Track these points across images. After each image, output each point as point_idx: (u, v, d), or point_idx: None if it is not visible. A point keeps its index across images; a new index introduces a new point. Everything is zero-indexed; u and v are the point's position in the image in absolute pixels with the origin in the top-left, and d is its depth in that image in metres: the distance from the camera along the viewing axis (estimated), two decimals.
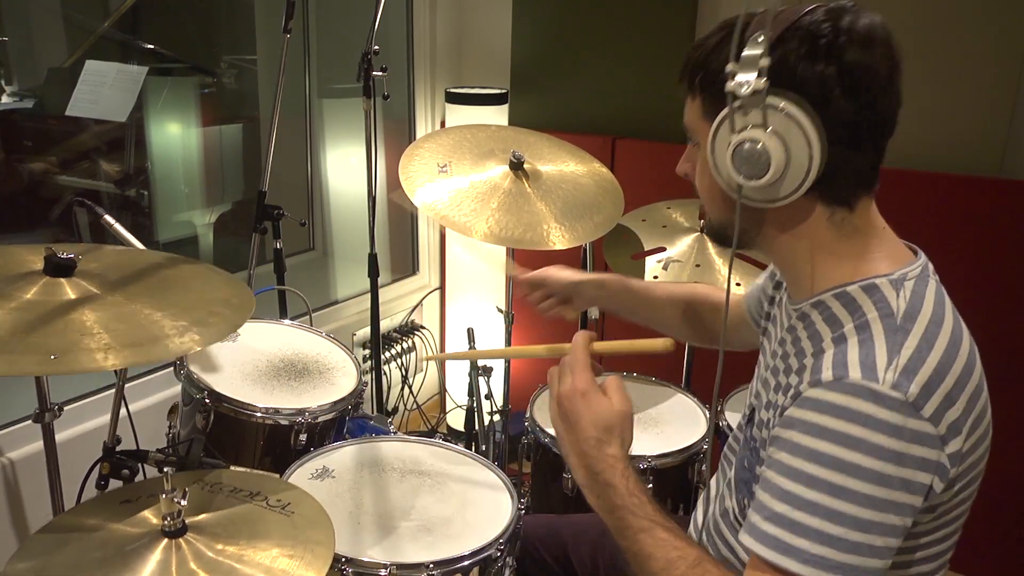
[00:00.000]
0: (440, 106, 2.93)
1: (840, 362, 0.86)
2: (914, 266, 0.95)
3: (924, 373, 0.84)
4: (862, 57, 0.86)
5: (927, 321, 0.88)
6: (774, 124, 0.87)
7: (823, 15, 0.88)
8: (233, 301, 1.33)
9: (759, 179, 0.88)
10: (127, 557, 1.08)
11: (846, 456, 0.82)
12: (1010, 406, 2.15)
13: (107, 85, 2.23)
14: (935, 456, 0.83)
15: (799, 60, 0.86)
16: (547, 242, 1.74)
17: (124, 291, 1.26)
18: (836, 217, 0.94)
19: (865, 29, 0.87)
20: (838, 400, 0.83)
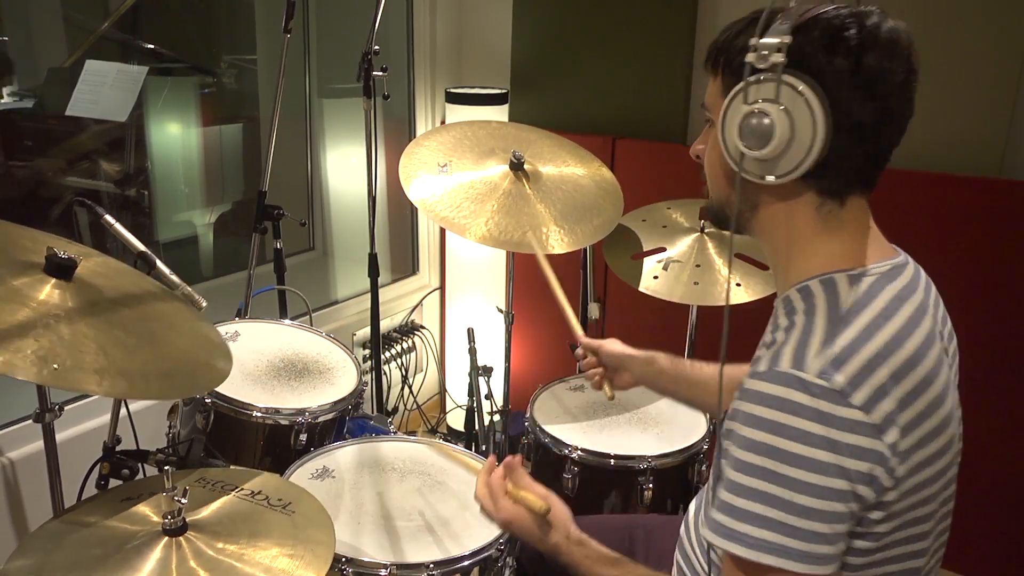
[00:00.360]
0: (440, 106, 2.93)
1: (776, 353, 0.89)
2: (883, 264, 0.96)
3: (855, 363, 0.85)
4: (881, 61, 0.88)
5: (874, 315, 0.90)
6: (785, 100, 0.89)
7: (848, 12, 0.90)
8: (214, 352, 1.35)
9: (761, 149, 0.91)
10: (127, 555, 1.08)
11: (779, 444, 0.84)
12: (1010, 406, 2.15)
13: (107, 85, 2.23)
14: (870, 444, 0.84)
15: (819, 49, 0.88)
16: (546, 246, 1.74)
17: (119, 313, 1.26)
18: (824, 209, 0.95)
19: (888, 34, 0.89)
20: (768, 389, 0.86)
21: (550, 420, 1.79)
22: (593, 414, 1.84)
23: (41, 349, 1.08)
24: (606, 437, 1.74)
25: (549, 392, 1.92)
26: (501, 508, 1.16)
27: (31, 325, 1.11)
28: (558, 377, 1.98)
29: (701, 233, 1.95)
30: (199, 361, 1.29)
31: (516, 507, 1.16)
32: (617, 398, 1.90)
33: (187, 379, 1.24)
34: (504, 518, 1.16)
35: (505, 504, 1.16)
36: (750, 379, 0.89)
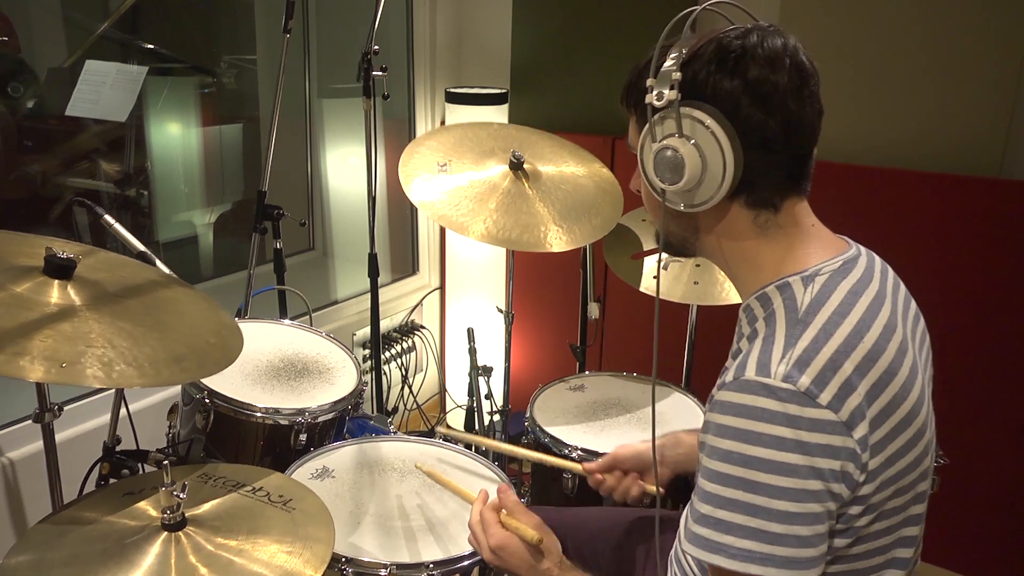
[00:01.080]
0: (440, 106, 2.93)
1: (741, 363, 0.90)
2: (835, 260, 0.98)
3: (818, 362, 0.86)
4: (766, 74, 0.92)
5: (830, 312, 0.91)
6: (688, 132, 0.95)
7: (735, 34, 0.95)
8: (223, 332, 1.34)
9: (677, 183, 0.96)
10: (126, 550, 1.08)
11: (750, 451, 0.85)
12: (1010, 406, 2.15)
13: (107, 85, 2.23)
14: (840, 442, 0.85)
15: (709, 75, 0.93)
16: (545, 244, 1.74)
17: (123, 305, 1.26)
18: (761, 219, 0.98)
19: (771, 48, 0.93)
20: (736, 399, 0.87)
21: (550, 420, 1.79)
22: (593, 414, 1.84)
23: (47, 349, 1.08)
24: (606, 437, 1.74)
25: (549, 392, 1.92)
26: (492, 534, 1.16)
27: (35, 326, 1.12)
28: (558, 377, 1.98)
29: None
30: (208, 343, 1.29)
31: (507, 534, 1.16)
32: (617, 398, 1.90)
33: (197, 361, 1.24)
34: (495, 543, 1.16)
35: (496, 530, 1.17)
36: (718, 390, 0.91)
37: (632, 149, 1.06)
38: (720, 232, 1.01)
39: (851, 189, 2.25)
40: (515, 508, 1.19)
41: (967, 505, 2.20)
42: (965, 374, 2.16)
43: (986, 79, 2.16)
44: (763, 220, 0.99)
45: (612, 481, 1.41)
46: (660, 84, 0.95)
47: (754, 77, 0.92)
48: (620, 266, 1.95)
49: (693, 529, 0.90)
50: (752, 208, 0.98)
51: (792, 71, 0.93)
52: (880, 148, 2.29)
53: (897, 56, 2.24)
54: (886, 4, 2.21)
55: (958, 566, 2.26)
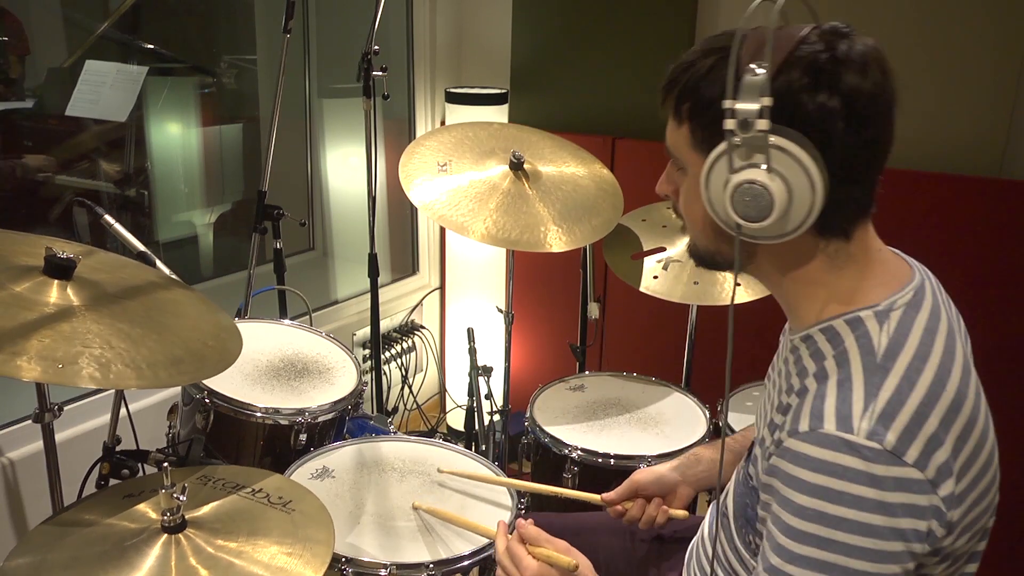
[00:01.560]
0: (440, 106, 2.93)
1: (816, 411, 0.84)
2: (905, 290, 0.91)
3: (904, 416, 0.81)
4: (861, 83, 0.83)
5: (911, 356, 0.85)
6: (776, 164, 0.83)
7: (820, 44, 0.84)
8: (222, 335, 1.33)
9: (761, 222, 0.85)
10: (126, 552, 1.08)
11: (829, 509, 0.80)
12: (1011, 407, 2.15)
13: (107, 85, 2.23)
14: (926, 501, 0.80)
15: (801, 91, 0.83)
16: (545, 244, 1.74)
17: (122, 306, 1.26)
18: (831, 248, 0.91)
19: (860, 55, 0.84)
20: (814, 452, 0.82)
21: (550, 420, 1.79)
22: (593, 414, 1.83)
23: (45, 349, 1.08)
24: (606, 437, 1.74)
25: (549, 392, 1.92)
26: (526, 567, 1.08)
27: (33, 326, 1.12)
28: (558, 377, 1.98)
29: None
30: (207, 345, 1.29)
31: (540, 564, 1.09)
32: (617, 398, 1.90)
33: (196, 364, 1.24)
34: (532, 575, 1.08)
35: (529, 562, 1.09)
36: (791, 438, 0.84)
37: (673, 156, 0.97)
38: (782, 260, 0.93)
39: None
40: (538, 538, 1.12)
41: None
42: None
43: (986, 79, 2.16)
44: (833, 249, 0.91)
45: (635, 511, 1.33)
46: (744, 104, 0.82)
47: (849, 94, 0.83)
48: (620, 266, 1.95)
49: None
50: (822, 236, 0.90)
51: (886, 85, 0.86)
52: None
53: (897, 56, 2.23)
54: (886, 4, 2.21)
55: None
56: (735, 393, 1.91)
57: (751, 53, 0.84)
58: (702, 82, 0.89)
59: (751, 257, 0.95)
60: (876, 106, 0.85)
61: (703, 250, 1.00)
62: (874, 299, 0.90)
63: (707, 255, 1.00)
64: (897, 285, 0.91)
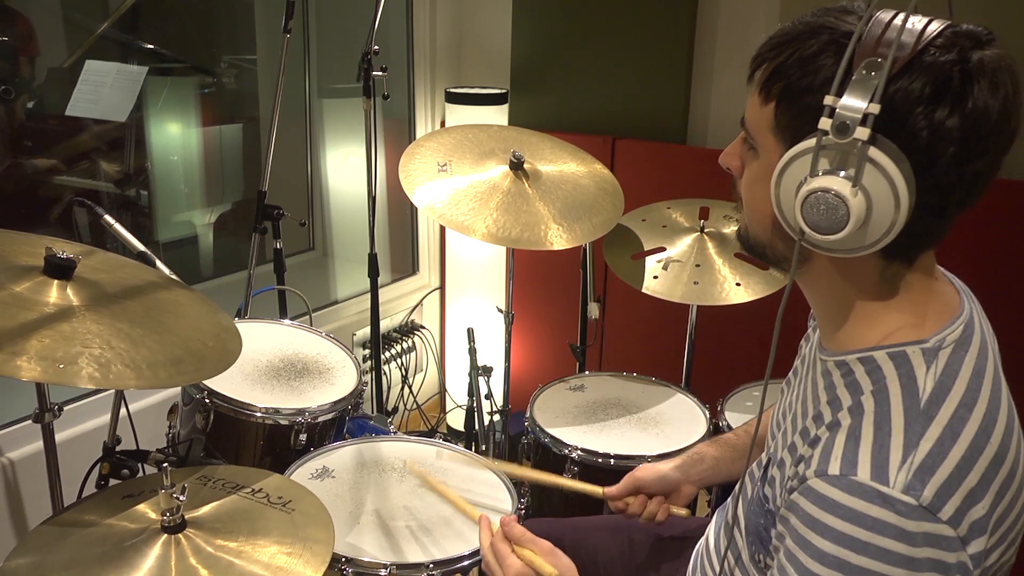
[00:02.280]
0: (440, 106, 2.93)
1: (850, 454, 0.78)
2: (955, 325, 0.84)
3: (944, 471, 0.75)
4: (988, 102, 0.74)
5: (956, 404, 0.79)
6: (865, 180, 0.75)
7: (953, 52, 0.74)
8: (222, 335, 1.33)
9: (829, 235, 0.78)
10: (126, 552, 1.08)
11: (852, 559, 0.76)
12: None
13: (107, 85, 2.23)
14: (954, 559, 0.75)
15: (916, 104, 0.74)
16: (546, 242, 1.74)
17: (122, 306, 1.26)
18: (889, 272, 0.84)
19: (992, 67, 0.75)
20: (842, 499, 0.76)
21: (550, 420, 1.79)
22: (593, 414, 1.83)
23: (44, 349, 1.08)
24: (606, 437, 1.74)
25: (549, 392, 1.92)
26: (509, 566, 1.08)
27: (33, 326, 1.12)
28: (558, 377, 1.98)
29: (701, 233, 1.95)
30: (207, 345, 1.29)
31: (523, 565, 1.08)
32: (617, 398, 1.90)
33: (196, 364, 1.24)
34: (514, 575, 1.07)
35: (512, 562, 1.08)
36: (819, 479, 0.78)
37: (748, 132, 0.88)
38: (837, 272, 0.86)
39: None
40: (522, 538, 1.10)
41: None
42: None
43: None
44: (891, 273, 0.84)
45: (636, 507, 1.32)
46: (848, 104, 0.73)
47: (971, 115, 0.73)
48: (620, 266, 1.95)
49: None
50: (887, 259, 0.83)
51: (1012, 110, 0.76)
52: None
53: None
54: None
55: None
56: (735, 393, 1.91)
57: (868, 45, 0.75)
58: (804, 65, 0.79)
59: (803, 263, 0.88)
60: (998, 132, 0.76)
61: (755, 240, 0.92)
62: (923, 334, 0.83)
63: (758, 246, 0.92)
64: (947, 318, 0.85)
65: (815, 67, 0.78)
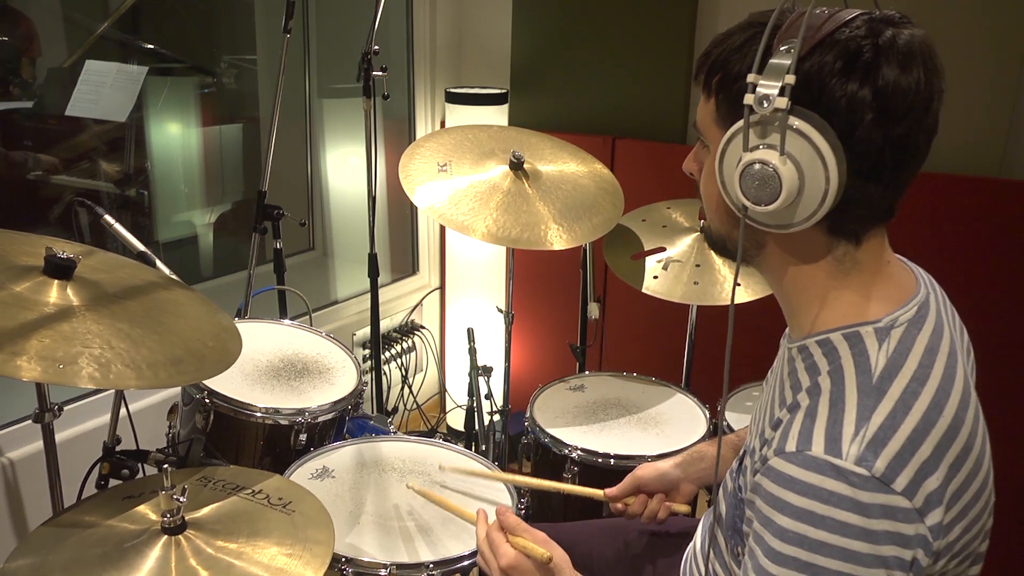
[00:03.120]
0: (440, 106, 2.93)
1: (806, 431, 0.81)
2: (909, 306, 0.87)
3: (896, 443, 0.78)
4: (899, 77, 0.79)
5: (908, 379, 0.82)
6: (791, 148, 0.80)
7: (864, 29, 0.80)
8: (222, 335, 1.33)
9: (767, 205, 0.82)
10: (126, 553, 1.08)
11: (811, 534, 0.78)
12: (1010, 407, 2.15)
13: (107, 85, 2.23)
14: (912, 530, 0.77)
15: (830, 76, 0.79)
16: (546, 242, 1.74)
17: (122, 306, 1.26)
18: (839, 252, 0.87)
19: (906, 50, 0.80)
20: (799, 475, 0.79)
21: (550, 420, 1.79)
22: (593, 414, 1.83)
23: (45, 349, 1.08)
24: (606, 437, 1.74)
25: (549, 392, 1.92)
26: (503, 554, 1.10)
27: (33, 326, 1.12)
28: (558, 377, 1.98)
29: (701, 233, 1.95)
30: (207, 345, 1.29)
31: (517, 553, 1.10)
32: (617, 398, 1.90)
33: (196, 364, 1.24)
34: (506, 564, 1.10)
35: (506, 550, 1.10)
36: (777, 457, 0.81)
37: (699, 133, 0.94)
38: (788, 255, 0.90)
39: None
40: (517, 527, 1.13)
41: None
42: None
43: (986, 79, 2.16)
44: (841, 253, 0.87)
45: (637, 507, 1.33)
46: (766, 81, 0.79)
47: (885, 84, 0.78)
48: (620, 266, 1.95)
49: None
50: (835, 237, 0.86)
51: (927, 81, 0.81)
52: None
53: None
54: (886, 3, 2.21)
55: None
56: (735, 393, 1.91)
57: (789, 31, 0.80)
58: (733, 55, 0.85)
59: (759, 248, 0.92)
60: (912, 103, 0.80)
61: (716, 234, 0.97)
62: (876, 314, 0.86)
63: (719, 239, 0.97)
64: (901, 300, 0.88)
65: (743, 55, 0.84)
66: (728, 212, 0.90)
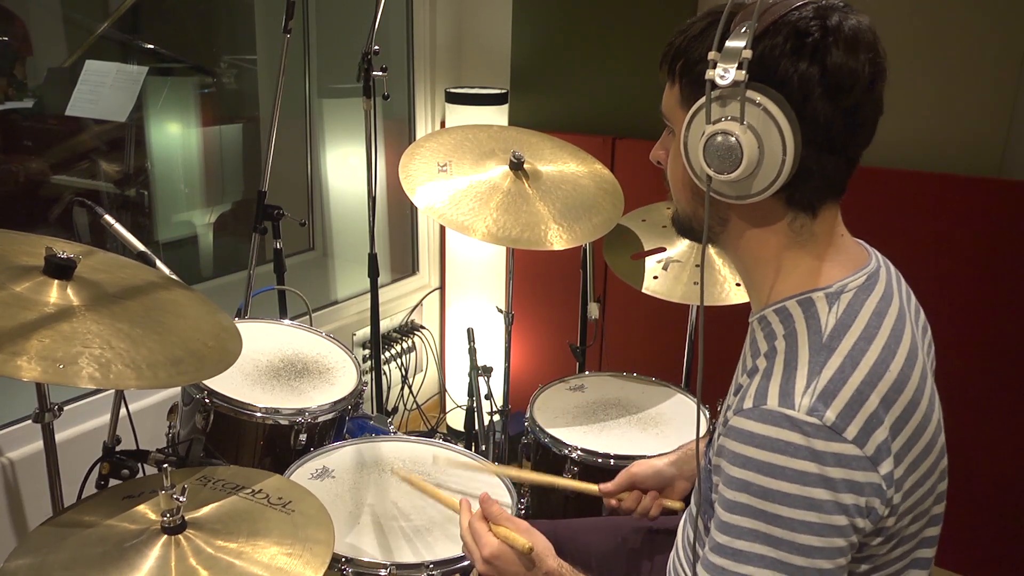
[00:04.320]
0: (440, 106, 2.93)
1: (762, 389, 0.86)
2: (859, 274, 0.93)
3: (845, 394, 0.83)
4: (846, 60, 0.85)
5: (856, 337, 0.87)
6: (750, 119, 0.86)
7: (812, 12, 0.86)
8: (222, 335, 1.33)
9: (729, 173, 0.88)
10: (126, 553, 1.08)
11: (772, 485, 0.82)
12: (1010, 407, 2.15)
13: (107, 85, 2.23)
14: (865, 478, 0.82)
15: (782, 56, 0.85)
16: (545, 242, 1.74)
17: (122, 306, 1.26)
18: (796, 223, 0.93)
19: (852, 31, 0.86)
20: (756, 429, 0.83)
21: (550, 420, 1.79)
22: (593, 414, 1.83)
23: (45, 349, 1.08)
24: (606, 437, 1.74)
25: (549, 392, 1.92)
26: (485, 544, 1.13)
27: (33, 326, 1.12)
28: (558, 377, 1.98)
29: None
30: (207, 345, 1.29)
31: (499, 543, 1.13)
32: (617, 398, 1.90)
33: (196, 364, 1.24)
34: (488, 553, 1.12)
35: (489, 539, 1.13)
36: (736, 416, 0.86)
37: (665, 119, 0.99)
38: (751, 229, 0.95)
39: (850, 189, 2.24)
40: (499, 516, 1.16)
41: (967, 506, 2.20)
42: (965, 374, 2.16)
43: (986, 79, 2.16)
44: (798, 225, 0.93)
45: (630, 502, 1.36)
46: (725, 60, 0.85)
47: (833, 65, 0.84)
48: (620, 266, 1.95)
49: (710, 558, 0.87)
50: (792, 209, 0.92)
51: (871, 62, 0.86)
52: (879, 148, 2.27)
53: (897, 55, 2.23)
54: (886, 3, 2.21)
55: (958, 566, 2.26)
56: None
57: (743, 18, 0.87)
58: (694, 41, 0.92)
59: (724, 223, 0.97)
60: (856, 80, 0.86)
61: (682, 215, 1.03)
62: (827, 281, 0.92)
63: (685, 220, 1.02)
64: (852, 269, 0.94)
65: (703, 40, 0.91)
66: (694, 189, 0.96)
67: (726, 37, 0.86)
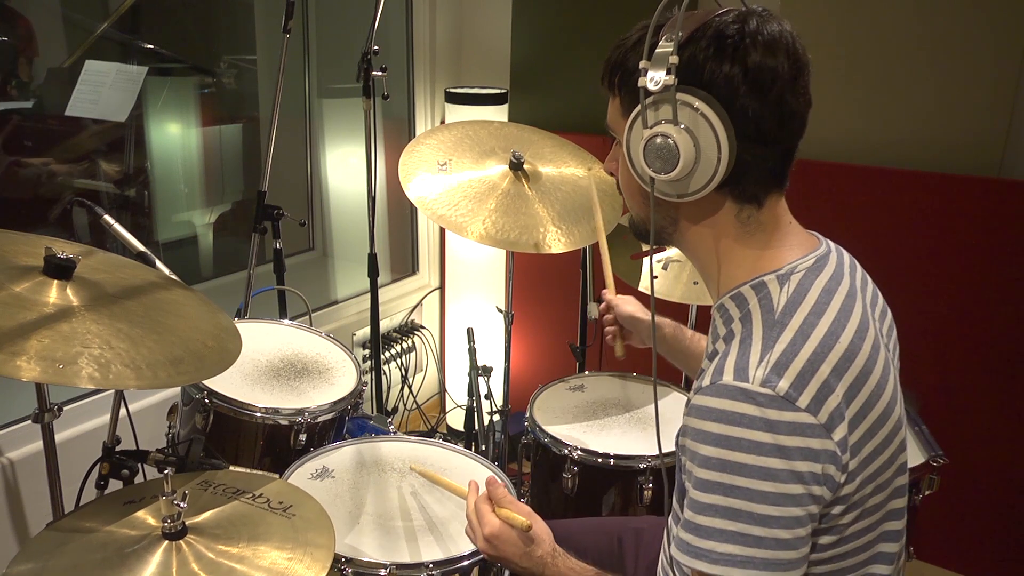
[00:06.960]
0: (440, 106, 2.93)
1: (719, 367, 0.89)
2: (808, 257, 0.97)
3: (796, 365, 0.86)
4: (765, 59, 0.90)
5: (807, 313, 0.91)
6: (684, 119, 0.91)
7: (732, 18, 0.92)
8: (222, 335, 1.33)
9: (670, 172, 0.93)
10: (127, 559, 1.08)
11: (730, 456, 0.85)
12: (1010, 406, 2.15)
13: (107, 85, 2.23)
14: (820, 445, 0.85)
15: (707, 60, 0.90)
16: (543, 246, 1.74)
17: (122, 306, 1.26)
18: (743, 215, 0.97)
19: (769, 34, 0.91)
20: (714, 403, 0.87)
21: (550, 420, 1.79)
22: (593, 414, 1.83)
23: (44, 349, 1.08)
24: (606, 437, 1.74)
25: (549, 392, 1.92)
26: (486, 523, 1.18)
27: (33, 326, 1.11)
28: (558, 377, 1.98)
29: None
30: (207, 345, 1.28)
31: (500, 522, 1.17)
32: (617, 398, 1.90)
33: (196, 364, 1.23)
34: (489, 532, 1.17)
35: (490, 519, 1.18)
36: (695, 394, 0.90)
37: (611, 131, 1.04)
38: (701, 225, 1.00)
39: (850, 189, 2.24)
40: (504, 499, 1.20)
41: (967, 505, 2.20)
42: (965, 374, 2.16)
43: (986, 79, 2.16)
44: (745, 216, 0.97)
45: (608, 319, 1.59)
46: (655, 67, 0.91)
47: (753, 64, 0.90)
48: (620, 266, 1.94)
49: (678, 534, 0.91)
50: (737, 202, 0.97)
51: (790, 60, 0.92)
52: (879, 148, 2.28)
53: (897, 55, 2.24)
54: (886, 3, 2.21)
55: (958, 566, 2.26)
56: None
57: (670, 28, 0.92)
58: (628, 53, 0.97)
59: (674, 223, 1.02)
60: (777, 77, 0.90)
61: (636, 219, 1.07)
62: (778, 264, 0.97)
63: (640, 223, 1.07)
64: (801, 252, 0.98)
65: (636, 51, 0.95)
66: (643, 193, 1.00)
67: (655, 47, 0.91)
